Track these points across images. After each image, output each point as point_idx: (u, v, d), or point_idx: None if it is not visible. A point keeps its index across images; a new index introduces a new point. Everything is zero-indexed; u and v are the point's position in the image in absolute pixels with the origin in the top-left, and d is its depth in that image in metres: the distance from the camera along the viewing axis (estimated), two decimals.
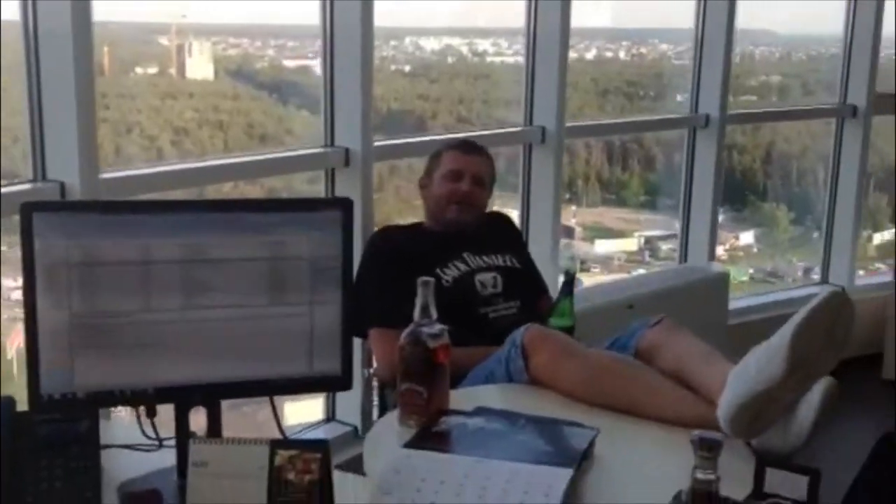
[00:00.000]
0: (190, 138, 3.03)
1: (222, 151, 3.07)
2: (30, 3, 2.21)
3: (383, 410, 2.51)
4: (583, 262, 4.05)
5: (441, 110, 3.92)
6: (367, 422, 2.93)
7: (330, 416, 3.06)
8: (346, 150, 2.94)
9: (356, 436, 2.97)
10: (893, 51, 4.94)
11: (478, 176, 2.68)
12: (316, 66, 3.35)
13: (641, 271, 4.43)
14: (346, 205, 1.64)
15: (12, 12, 2.20)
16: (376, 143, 2.99)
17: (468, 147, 2.74)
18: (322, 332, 1.65)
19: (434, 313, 1.82)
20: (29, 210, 1.47)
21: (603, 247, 4.61)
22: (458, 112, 3.99)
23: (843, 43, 4.65)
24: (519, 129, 3.62)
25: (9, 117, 2.31)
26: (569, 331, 2.34)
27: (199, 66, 3.13)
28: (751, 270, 5.04)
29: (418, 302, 1.83)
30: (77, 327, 1.51)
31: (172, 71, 3.00)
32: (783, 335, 1.77)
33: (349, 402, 3.01)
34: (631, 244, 4.69)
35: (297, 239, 1.61)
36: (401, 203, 3.62)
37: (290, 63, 3.44)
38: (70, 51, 2.15)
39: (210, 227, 1.56)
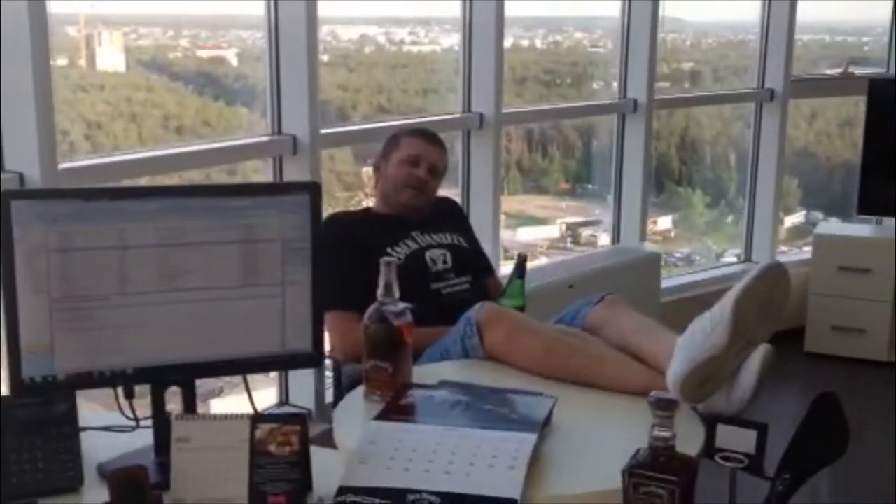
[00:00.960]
0: (103, 131, 2.98)
1: (137, 144, 3.04)
2: None
3: (339, 390, 2.57)
4: (506, 251, 4.14)
5: (361, 100, 3.93)
6: (321, 404, 2.99)
7: (283, 401, 3.11)
8: (294, 138, 2.99)
9: (310, 418, 3.02)
10: (807, 37, 5.17)
11: (434, 165, 2.75)
12: (230, 55, 3.37)
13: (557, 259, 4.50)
14: (314, 188, 1.70)
15: None
16: (323, 131, 3.04)
17: (429, 136, 2.81)
18: (293, 311, 1.71)
19: (397, 292, 1.90)
20: (8, 198, 1.49)
21: (525, 234, 4.69)
22: (378, 102, 4.01)
23: (760, 29, 4.83)
24: (458, 115, 3.70)
25: None
26: (520, 311, 2.44)
27: (110, 57, 3.07)
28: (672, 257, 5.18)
29: (381, 281, 1.90)
30: (56, 311, 1.55)
31: (82, 62, 2.94)
32: (724, 305, 1.90)
33: (301, 387, 3.06)
34: (553, 231, 4.80)
35: (269, 222, 1.66)
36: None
37: (204, 53, 3.40)
38: (27, 42, 2.16)
39: (185, 212, 1.60)
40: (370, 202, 3.58)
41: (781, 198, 5.03)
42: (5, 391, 1.60)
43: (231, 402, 2.70)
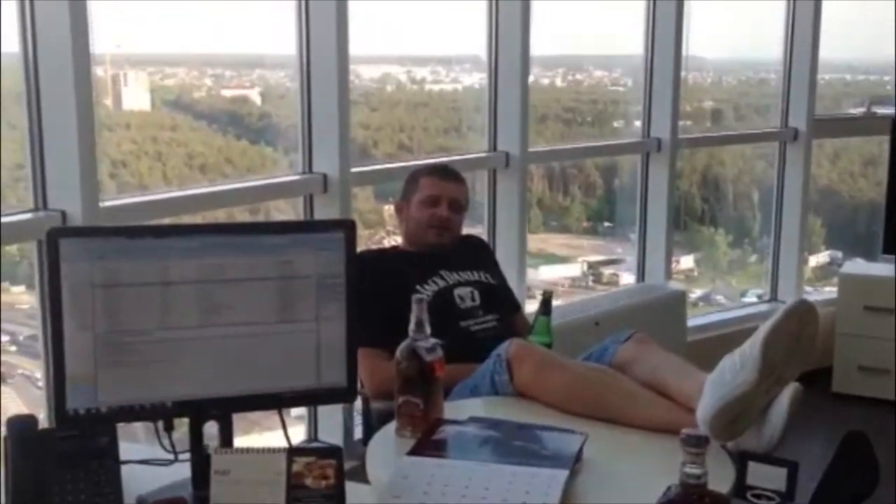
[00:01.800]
0: (128, 170, 3.04)
1: (161, 183, 3.10)
2: (30, 34, 2.27)
3: (368, 425, 2.59)
4: (527, 289, 4.16)
5: (383, 138, 3.98)
6: (349, 440, 3.01)
7: (312, 438, 3.13)
8: (325, 177, 3.04)
9: None
10: (829, 76, 5.19)
11: (455, 201, 2.78)
12: (254, 94, 3.43)
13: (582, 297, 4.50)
14: (348, 226, 1.75)
15: (13, 44, 2.26)
16: (353, 170, 3.09)
17: (445, 173, 2.83)
18: (328, 347, 1.74)
19: (428, 329, 1.93)
20: (56, 235, 1.54)
21: (547, 273, 4.71)
22: (400, 140, 4.05)
23: (783, 67, 4.86)
24: (484, 154, 3.74)
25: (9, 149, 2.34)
26: (547, 347, 2.46)
27: (136, 97, 3.14)
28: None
29: (412, 318, 1.94)
30: (101, 345, 1.59)
31: (108, 102, 2.99)
32: (754, 342, 1.92)
33: (329, 423, 3.08)
34: (574, 269, 4.81)
35: (304, 259, 1.70)
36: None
37: (228, 93, 3.46)
38: (71, 80, 2.22)
39: (225, 250, 1.64)
40: (392, 240, 3.63)
41: (806, 237, 5.03)
42: (47, 421, 1.63)
43: (261, 439, 2.73)
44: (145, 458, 1.75)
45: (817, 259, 5.60)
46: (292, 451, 1.57)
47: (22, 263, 2.70)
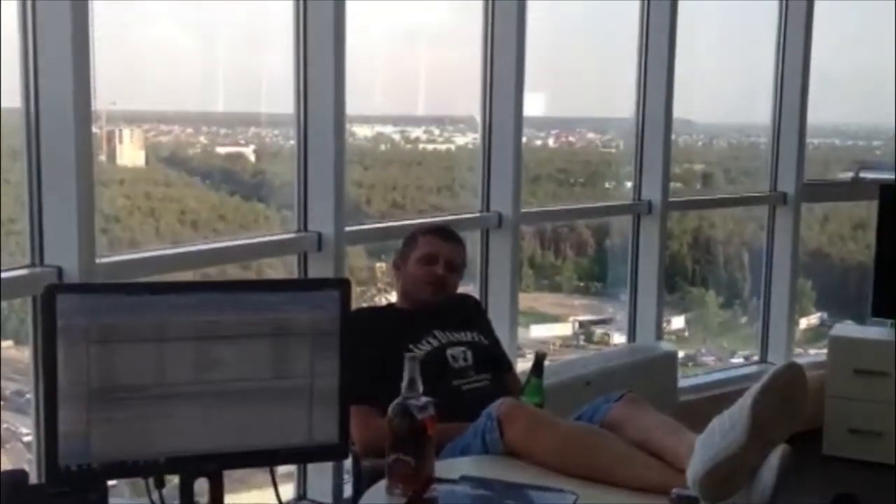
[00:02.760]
0: (120, 226, 3.04)
1: (154, 239, 3.12)
2: (32, 89, 2.31)
3: (358, 484, 2.58)
4: (518, 348, 4.17)
5: (375, 196, 4.01)
6: (339, 498, 2.99)
7: (301, 495, 3.11)
8: (319, 235, 3.07)
9: None
10: (818, 140, 5.27)
11: (452, 261, 2.81)
12: (248, 152, 3.46)
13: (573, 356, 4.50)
14: (344, 284, 1.77)
15: (13, 99, 2.29)
16: (348, 228, 3.12)
17: (445, 234, 2.87)
18: (320, 404, 1.75)
19: (420, 387, 1.94)
20: (52, 291, 1.56)
21: (538, 332, 4.70)
22: (393, 198, 4.08)
23: (771, 132, 4.93)
24: (477, 214, 3.78)
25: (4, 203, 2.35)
26: (539, 408, 2.47)
27: (130, 153, 3.15)
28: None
29: (405, 375, 1.95)
30: (94, 401, 1.59)
31: (102, 157, 2.98)
32: (743, 404, 1.94)
33: (319, 480, 3.07)
34: (566, 329, 4.82)
35: (300, 316, 1.72)
36: None
37: (222, 150, 3.48)
38: (71, 137, 2.24)
39: (221, 306, 1.66)
40: (384, 297, 3.65)
41: (796, 299, 5.06)
42: (38, 477, 1.63)
43: (247, 496, 2.71)
44: None
45: (808, 321, 5.62)
46: None
47: (10, 318, 2.70)
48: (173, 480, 1.72)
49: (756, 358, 5.09)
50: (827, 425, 4.51)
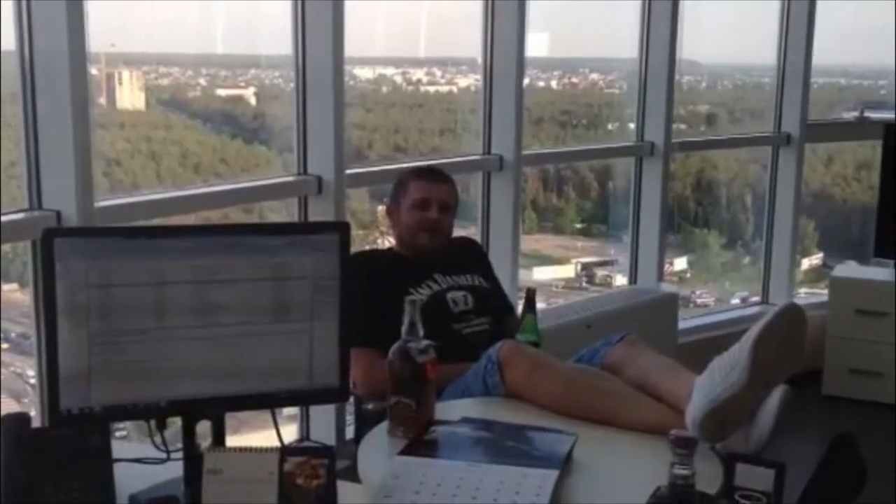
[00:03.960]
0: (122, 168, 3.02)
1: (155, 182, 3.10)
2: (26, 32, 2.28)
3: (360, 425, 2.61)
4: (520, 290, 4.18)
5: (377, 139, 3.98)
6: (342, 440, 3.03)
7: (304, 437, 3.14)
8: (319, 179, 3.05)
9: None
10: (823, 80, 5.22)
11: (444, 203, 2.79)
12: (249, 94, 3.43)
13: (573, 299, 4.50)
14: (343, 228, 1.76)
15: (8, 42, 2.26)
16: (348, 171, 3.10)
17: (434, 175, 2.84)
18: (321, 347, 1.75)
19: (421, 330, 1.95)
20: (50, 235, 1.55)
21: (541, 274, 4.71)
22: (395, 141, 4.05)
23: (776, 73, 4.88)
24: (478, 157, 3.76)
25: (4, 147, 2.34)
26: (535, 345, 2.49)
27: (130, 96, 3.13)
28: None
29: (406, 319, 1.96)
30: (94, 345, 1.60)
31: (102, 101, 2.98)
32: (744, 345, 1.94)
33: (321, 423, 3.10)
34: (568, 271, 4.83)
35: (300, 260, 1.71)
36: None
37: (222, 92, 3.45)
38: (67, 80, 2.22)
39: (219, 251, 1.66)
40: (386, 240, 3.65)
41: (798, 240, 5.05)
42: (40, 420, 1.64)
43: (251, 438, 2.74)
44: (138, 457, 1.76)
45: (810, 262, 5.62)
46: (284, 451, 1.59)
47: (14, 261, 2.71)
48: (177, 423, 1.73)
49: (756, 299, 5.10)
50: (827, 366, 4.54)
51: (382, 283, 2.60)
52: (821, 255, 5.67)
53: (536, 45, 3.94)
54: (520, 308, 2.76)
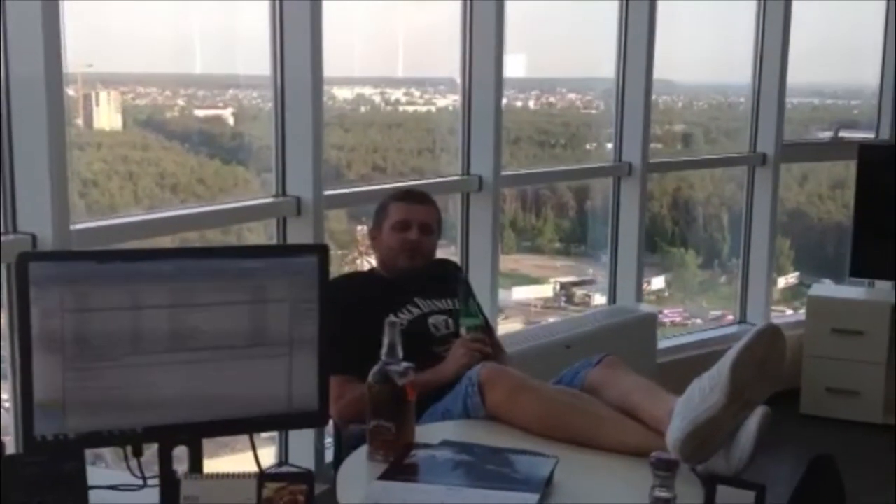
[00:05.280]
0: (99, 190, 2.99)
1: (132, 203, 3.06)
2: (2, 53, 2.25)
3: (339, 451, 2.58)
4: (501, 310, 4.16)
5: (356, 159, 3.96)
6: (320, 464, 3.00)
7: (283, 460, 3.11)
8: (298, 200, 3.04)
9: None
10: (797, 99, 5.27)
11: (425, 224, 2.78)
12: (227, 114, 3.42)
13: (552, 319, 4.51)
14: (322, 250, 1.75)
15: None
16: (327, 193, 3.09)
17: (414, 197, 2.84)
18: (300, 371, 1.75)
19: (400, 352, 1.94)
20: (25, 260, 1.53)
21: (520, 293, 4.70)
22: (374, 161, 4.03)
23: (752, 93, 4.92)
24: (457, 178, 3.76)
25: None
26: (483, 328, 2.61)
27: (107, 116, 3.09)
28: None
29: (385, 341, 1.94)
30: (69, 370, 1.58)
31: (79, 121, 2.93)
32: (723, 366, 1.94)
33: (300, 447, 3.07)
34: (547, 290, 4.82)
35: (278, 283, 1.70)
36: None
37: (200, 112, 3.41)
38: (43, 101, 2.20)
39: (197, 274, 1.65)
40: (365, 260, 3.63)
41: (774, 259, 5.08)
42: (14, 448, 1.62)
43: (229, 460, 2.71)
44: (113, 484, 1.73)
45: (786, 280, 5.65)
46: (262, 477, 1.57)
47: None
48: (153, 448, 1.71)
49: (731, 317, 5.12)
50: (804, 385, 4.56)
51: (361, 308, 2.58)
52: (797, 273, 5.71)
53: (514, 65, 3.96)
54: (502, 328, 2.77)
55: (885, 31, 5.12)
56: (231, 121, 3.45)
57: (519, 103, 4.64)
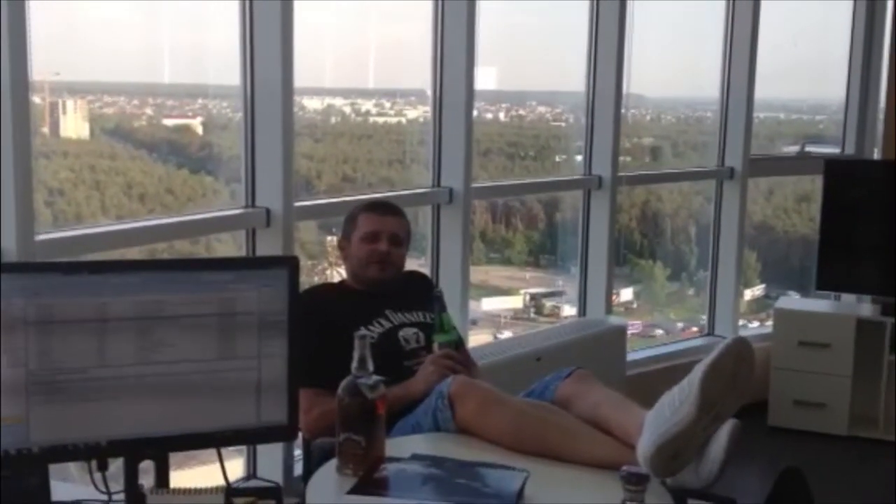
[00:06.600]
0: (65, 199, 2.95)
1: (99, 212, 3.02)
2: None
3: (308, 464, 2.56)
4: (474, 322, 4.15)
5: (326, 170, 3.94)
6: (289, 477, 2.97)
7: (251, 474, 3.08)
8: (268, 211, 3.02)
9: None
10: (764, 114, 5.33)
11: (394, 235, 2.78)
12: (196, 124, 3.40)
13: (521, 331, 4.52)
14: (292, 263, 1.74)
15: None
16: (296, 204, 3.07)
17: (383, 208, 2.83)
18: (269, 385, 1.72)
19: (370, 366, 1.92)
20: None
21: (490, 305, 4.71)
22: (344, 171, 4.02)
23: (720, 108, 4.97)
24: (428, 190, 3.75)
25: None
26: (457, 344, 2.60)
27: (74, 125, 3.05)
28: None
29: (355, 355, 1.92)
30: (32, 384, 1.55)
31: (45, 130, 2.90)
32: (692, 379, 1.95)
33: (269, 460, 3.04)
34: (517, 301, 4.84)
35: (247, 296, 1.68)
36: None
37: (169, 122, 3.38)
38: (8, 109, 2.16)
39: (164, 286, 1.62)
40: (335, 271, 3.61)
41: (742, 272, 5.12)
42: None
43: (198, 473, 2.67)
44: (78, 499, 1.70)
45: (752, 292, 5.70)
46: (230, 492, 1.55)
47: None
48: (119, 462, 1.69)
49: (695, 329, 5.15)
50: (772, 397, 4.59)
51: (331, 320, 2.57)
52: (763, 286, 5.76)
53: (485, 77, 3.96)
54: (473, 339, 2.76)
55: (851, 47, 5.20)
56: (200, 130, 3.42)
57: (489, 115, 4.65)
